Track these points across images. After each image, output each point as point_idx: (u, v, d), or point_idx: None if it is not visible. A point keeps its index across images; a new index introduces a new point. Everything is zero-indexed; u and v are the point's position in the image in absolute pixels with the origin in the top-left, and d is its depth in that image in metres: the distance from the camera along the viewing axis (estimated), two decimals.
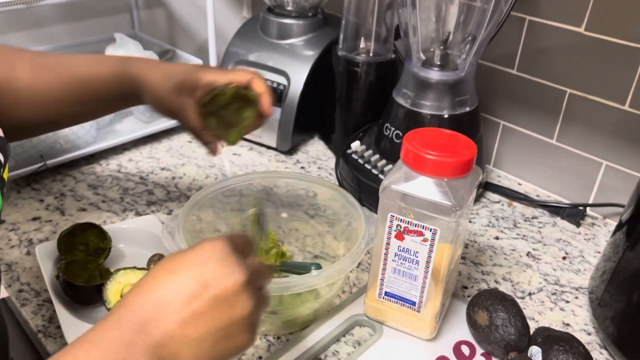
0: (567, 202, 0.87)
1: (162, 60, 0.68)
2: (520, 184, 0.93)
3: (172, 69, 0.65)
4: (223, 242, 0.40)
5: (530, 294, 0.70)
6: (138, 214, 0.80)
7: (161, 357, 0.36)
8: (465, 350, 0.61)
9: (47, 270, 0.65)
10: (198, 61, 1.01)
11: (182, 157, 0.96)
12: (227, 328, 0.38)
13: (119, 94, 0.66)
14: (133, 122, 0.98)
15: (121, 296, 0.61)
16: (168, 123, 1.00)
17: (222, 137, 0.67)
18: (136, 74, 0.65)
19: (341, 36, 0.94)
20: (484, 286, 0.71)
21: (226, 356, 0.39)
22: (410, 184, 0.54)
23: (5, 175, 0.50)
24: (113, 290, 0.62)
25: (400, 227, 0.56)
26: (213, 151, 0.67)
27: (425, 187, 0.53)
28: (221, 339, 0.38)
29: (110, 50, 0.96)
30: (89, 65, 0.65)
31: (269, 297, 0.44)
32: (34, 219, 0.78)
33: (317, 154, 1.00)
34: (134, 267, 0.64)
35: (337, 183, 0.88)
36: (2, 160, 0.49)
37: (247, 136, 0.99)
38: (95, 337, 0.36)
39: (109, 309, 0.61)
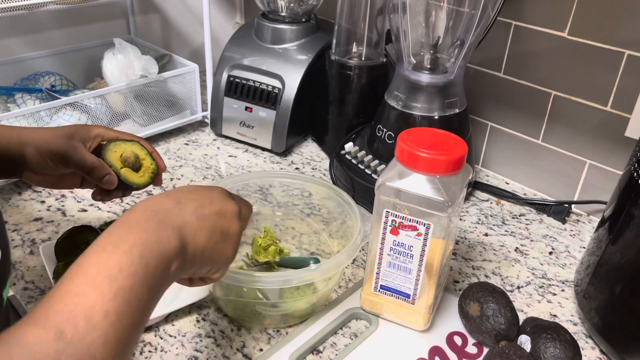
0: (552, 199, 0.90)
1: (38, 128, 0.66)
2: (507, 183, 0.96)
3: (57, 127, 0.65)
4: (219, 187, 0.52)
5: (518, 287, 0.73)
6: None
7: (183, 235, 0.44)
8: (458, 340, 0.63)
9: (52, 268, 0.67)
10: (194, 66, 1.03)
11: (179, 159, 0.98)
12: (224, 234, 0.48)
13: (16, 156, 0.62)
14: (130, 125, 0.99)
15: (122, 161, 0.65)
16: (165, 126, 1.02)
17: (118, 175, 0.64)
18: (19, 133, 0.63)
19: (334, 41, 0.96)
20: (474, 280, 0.74)
21: (218, 258, 0.48)
22: (404, 180, 0.57)
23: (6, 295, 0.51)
24: (113, 159, 0.64)
25: (395, 223, 0.58)
26: (111, 183, 0.63)
27: (418, 183, 0.56)
28: (219, 240, 0.47)
29: (109, 55, 0.98)
30: None
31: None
32: (36, 219, 0.80)
33: (311, 155, 1.02)
34: (124, 140, 0.66)
35: (331, 183, 0.90)
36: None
37: (242, 138, 1.02)
38: (129, 221, 0.42)
39: (117, 173, 0.63)
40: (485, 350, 0.62)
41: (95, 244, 0.40)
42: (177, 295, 0.65)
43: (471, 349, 0.62)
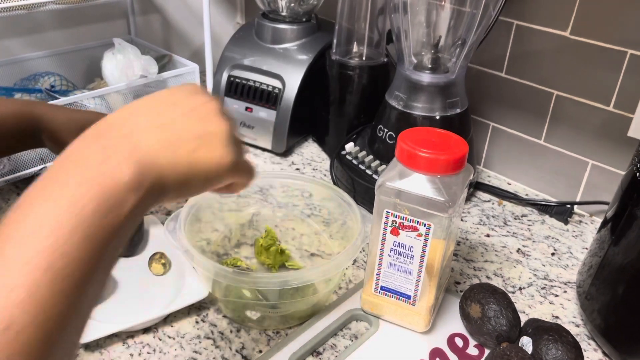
0: (555, 200, 0.90)
1: (63, 106, 0.66)
2: (509, 184, 0.96)
3: (76, 114, 0.65)
4: (193, 84, 0.42)
5: (520, 289, 0.72)
6: None
7: (139, 158, 0.34)
8: (459, 342, 0.63)
9: None
10: (195, 66, 1.03)
11: None
12: (204, 137, 0.38)
13: (16, 133, 0.63)
14: None
15: None
16: None
17: None
18: (38, 114, 0.64)
19: (334, 41, 0.96)
20: (475, 281, 0.73)
21: (208, 168, 0.38)
22: (405, 181, 0.56)
23: None
24: None
25: (396, 223, 0.58)
26: None
27: (419, 183, 0.56)
28: (199, 147, 0.38)
29: (109, 55, 0.97)
30: None
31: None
32: None
33: (312, 156, 1.02)
34: None
35: (332, 184, 0.90)
36: None
37: (242, 138, 1.02)
38: (69, 152, 0.35)
39: None
40: (487, 351, 0.62)
41: (30, 192, 0.32)
42: (176, 296, 0.65)
43: (472, 350, 0.62)
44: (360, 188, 0.85)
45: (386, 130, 0.84)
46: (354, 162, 0.88)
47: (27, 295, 0.28)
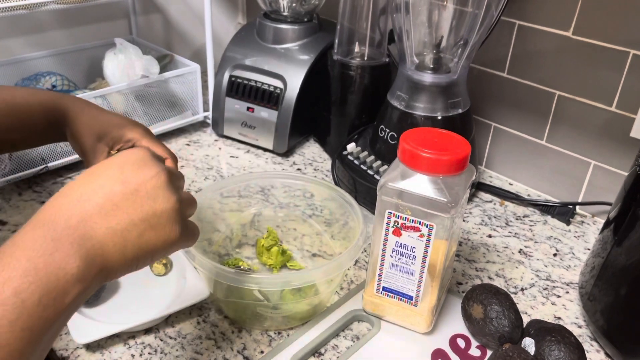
0: (557, 201, 0.90)
1: (89, 102, 0.68)
2: (511, 184, 0.95)
3: (98, 117, 0.65)
4: (140, 149, 0.42)
5: (522, 289, 0.72)
6: None
7: (87, 249, 0.36)
8: (461, 343, 0.63)
9: None
10: (196, 66, 1.03)
11: (181, 159, 0.97)
12: (151, 219, 0.39)
13: (44, 124, 0.65)
14: None
15: None
16: (166, 126, 1.01)
17: None
18: (66, 108, 0.65)
19: (336, 41, 0.96)
20: (478, 282, 0.73)
21: (155, 248, 0.39)
22: (407, 181, 0.56)
23: None
24: None
25: (398, 224, 0.58)
26: None
27: (421, 184, 0.55)
28: (146, 230, 0.38)
29: (110, 55, 0.97)
30: (22, 93, 0.65)
31: (192, 198, 0.46)
32: None
33: (313, 156, 1.01)
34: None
35: (333, 184, 0.89)
36: None
37: (244, 139, 1.02)
38: (19, 239, 0.35)
39: None
40: (489, 353, 0.61)
41: None
42: (177, 297, 0.65)
43: (474, 351, 0.62)
44: (362, 188, 0.84)
45: (388, 130, 0.84)
46: (356, 162, 0.88)
47: None
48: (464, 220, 0.85)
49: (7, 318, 0.31)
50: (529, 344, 0.58)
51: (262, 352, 0.61)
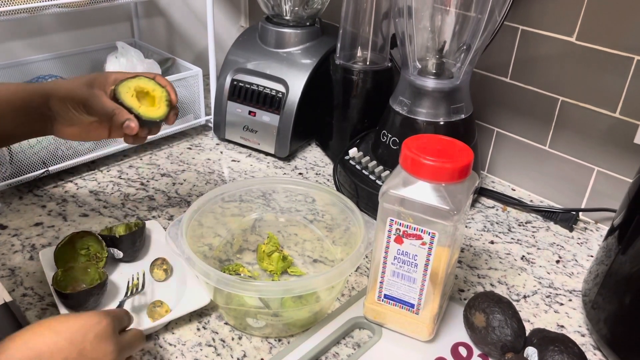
0: (560, 207, 0.89)
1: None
2: (514, 190, 0.95)
3: (77, 77, 0.68)
4: (108, 320, 0.47)
5: (525, 297, 0.72)
6: (139, 219, 0.81)
7: None
8: (463, 351, 0.62)
9: (51, 274, 0.66)
10: (198, 69, 1.02)
11: (182, 163, 0.97)
12: None
13: (25, 110, 0.65)
14: None
15: (137, 98, 0.66)
16: (167, 130, 1.01)
17: (138, 115, 0.66)
18: (41, 86, 0.66)
19: (338, 45, 0.96)
20: (480, 289, 0.72)
21: None
22: (409, 188, 0.56)
23: None
24: (128, 99, 0.65)
25: (400, 231, 0.57)
26: (131, 129, 0.64)
27: (423, 191, 0.55)
28: None
29: (112, 59, 0.97)
30: None
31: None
32: (37, 224, 0.79)
33: (315, 161, 1.01)
34: (130, 78, 0.67)
35: (335, 189, 0.89)
36: None
37: (245, 142, 1.01)
38: None
39: (132, 112, 0.64)
40: None
41: None
42: (177, 303, 0.64)
43: None
44: (364, 193, 0.84)
45: (390, 135, 0.84)
46: (358, 167, 0.87)
47: None
48: (466, 227, 0.85)
49: None
50: (531, 353, 0.57)
51: (262, 359, 0.60)
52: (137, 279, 0.67)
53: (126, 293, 0.65)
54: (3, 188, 0.84)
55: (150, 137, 0.75)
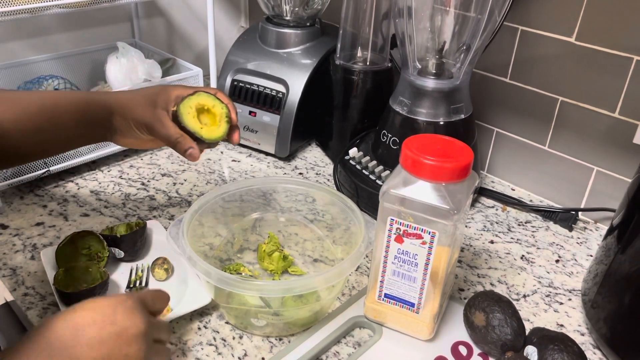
0: (559, 207, 0.89)
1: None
2: (513, 190, 0.95)
3: (138, 90, 0.68)
4: (134, 298, 0.50)
5: (525, 296, 0.72)
6: (140, 219, 0.82)
7: None
8: (463, 350, 0.62)
9: (52, 274, 0.66)
10: (198, 70, 1.03)
11: (182, 163, 0.97)
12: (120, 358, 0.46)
13: (77, 124, 0.66)
14: None
15: (199, 118, 0.67)
16: None
17: (201, 137, 0.67)
18: (104, 99, 0.67)
19: (338, 45, 0.96)
20: (480, 288, 0.73)
21: None
22: (409, 188, 0.56)
23: None
24: (191, 122, 0.65)
25: (400, 230, 0.57)
26: (194, 157, 0.66)
27: (423, 191, 0.55)
28: None
29: (113, 59, 0.97)
30: (53, 96, 0.67)
31: (166, 350, 0.53)
32: (38, 224, 0.79)
33: (315, 161, 1.01)
34: (189, 96, 0.67)
35: (335, 189, 0.89)
36: None
37: (246, 143, 1.02)
38: (21, 348, 0.42)
39: (188, 131, 0.65)
40: None
41: None
42: (178, 302, 0.64)
43: (476, 359, 0.61)
44: (364, 193, 0.84)
45: (390, 135, 0.84)
46: (358, 167, 0.88)
47: None
48: (466, 226, 0.85)
49: None
50: (531, 352, 0.58)
51: (263, 358, 0.61)
52: (142, 270, 0.68)
53: (128, 285, 0.65)
54: (4, 188, 0.84)
55: None
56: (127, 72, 0.96)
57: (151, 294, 0.54)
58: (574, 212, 0.86)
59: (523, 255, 0.79)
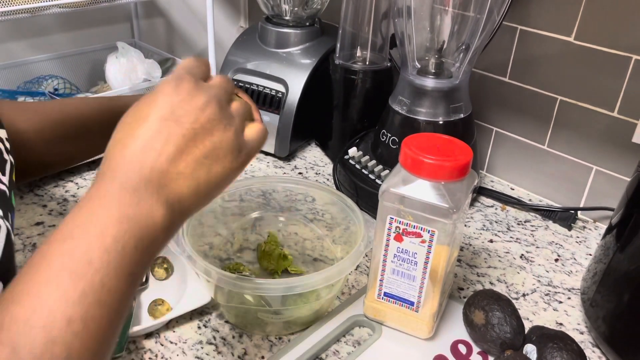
0: (558, 206, 0.89)
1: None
2: (513, 189, 0.95)
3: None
4: (184, 78, 0.40)
5: (524, 295, 0.72)
6: None
7: (166, 197, 0.36)
8: (462, 349, 0.62)
9: None
10: None
11: None
12: (213, 152, 0.39)
13: (100, 130, 0.63)
14: None
15: None
16: None
17: None
18: (126, 104, 0.65)
19: (338, 45, 0.96)
20: (479, 287, 0.73)
21: (223, 179, 0.40)
22: (409, 187, 0.56)
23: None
24: None
25: (399, 229, 0.57)
26: None
27: (423, 190, 0.55)
28: (212, 164, 0.39)
29: (112, 59, 0.97)
30: (75, 104, 0.66)
31: (243, 106, 0.44)
32: (38, 223, 0.79)
33: (315, 160, 1.01)
34: None
35: (334, 188, 0.89)
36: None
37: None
38: (96, 194, 0.35)
39: None
40: (491, 359, 0.61)
41: (62, 228, 0.34)
42: (178, 301, 0.64)
43: (476, 357, 0.61)
44: (363, 193, 0.84)
45: (389, 135, 0.84)
46: (357, 167, 0.88)
47: (83, 327, 0.31)
48: (465, 225, 0.85)
49: (113, 264, 0.33)
50: (530, 350, 0.58)
51: (262, 357, 0.61)
52: None
53: None
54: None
55: None
56: (126, 72, 0.96)
57: (186, 64, 0.43)
58: (573, 211, 0.86)
59: (522, 254, 0.79)
